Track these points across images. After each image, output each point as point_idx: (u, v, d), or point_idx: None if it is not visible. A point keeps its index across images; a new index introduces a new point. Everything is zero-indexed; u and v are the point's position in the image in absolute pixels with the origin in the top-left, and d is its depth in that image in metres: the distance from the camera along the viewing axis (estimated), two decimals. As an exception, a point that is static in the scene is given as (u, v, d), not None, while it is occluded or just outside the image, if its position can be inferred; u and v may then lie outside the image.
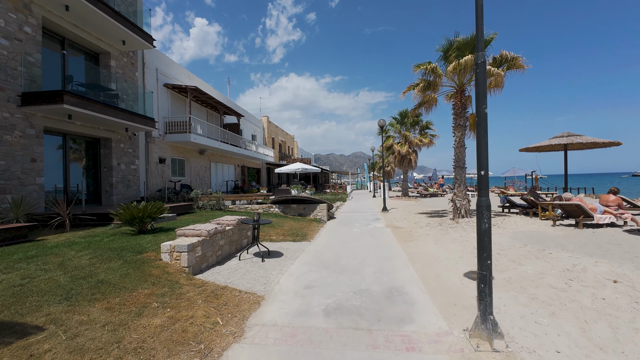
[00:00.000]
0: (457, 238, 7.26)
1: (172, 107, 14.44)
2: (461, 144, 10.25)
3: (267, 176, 30.45)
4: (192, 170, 15.85)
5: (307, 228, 9.09)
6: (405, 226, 9.46)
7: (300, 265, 5.25)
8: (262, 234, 7.58)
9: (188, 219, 8.35)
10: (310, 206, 11.11)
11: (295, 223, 9.58)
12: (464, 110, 10.24)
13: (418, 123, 21.68)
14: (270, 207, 11.34)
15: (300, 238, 7.63)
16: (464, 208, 10.16)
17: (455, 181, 10.46)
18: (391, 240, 7.36)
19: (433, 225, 9.50)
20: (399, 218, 11.45)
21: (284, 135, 35.93)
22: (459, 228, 8.62)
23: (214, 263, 5.20)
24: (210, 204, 11.06)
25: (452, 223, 9.64)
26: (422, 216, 11.85)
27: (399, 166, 22.16)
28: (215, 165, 18.73)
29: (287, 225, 8.95)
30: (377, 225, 9.89)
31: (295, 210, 11.18)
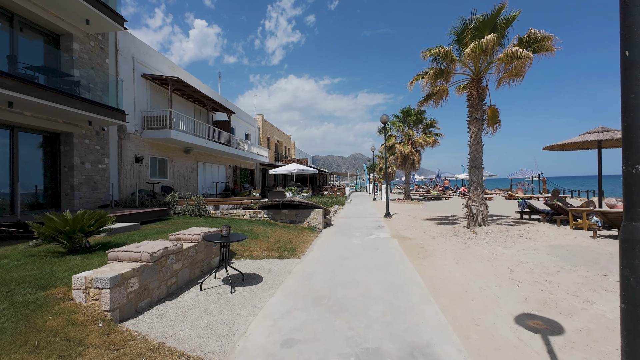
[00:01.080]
0: (482, 255, 5.85)
1: (152, 101, 13.03)
2: (478, 140, 8.88)
3: (262, 178, 29.03)
4: (175, 171, 14.41)
5: (299, 239, 7.67)
6: (414, 236, 8.06)
7: (281, 299, 3.83)
8: (242, 249, 6.15)
9: (153, 229, 6.91)
10: (303, 212, 9.69)
11: (285, 232, 8.16)
12: (481, 101, 8.87)
13: (422, 121, 20.35)
14: (258, 212, 9.91)
15: (289, 253, 6.21)
16: (480, 215, 8.77)
17: (471, 183, 9.08)
18: (400, 256, 5.95)
19: (447, 235, 8.11)
20: (405, 226, 10.04)
21: (280, 135, 34.54)
22: (479, 240, 7.22)
23: (164, 296, 3.78)
24: (190, 209, 9.63)
25: (469, 233, 8.24)
26: (431, 223, 10.46)
27: (401, 167, 20.81)
28: (203, 165, 17.30)
29: (274, 236, 7.53)
30: (380, 234, 8.48)
31: (286, 216, 9.76)
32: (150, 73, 12.55)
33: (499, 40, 7.81)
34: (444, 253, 6.10)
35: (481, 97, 8.84)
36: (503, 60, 7.72)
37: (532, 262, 5.24)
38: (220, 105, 16.89)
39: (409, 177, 21.82)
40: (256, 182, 26.13)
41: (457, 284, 4.32)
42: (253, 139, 26.57)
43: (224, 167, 20.17)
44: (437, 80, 8.95)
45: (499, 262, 5.32)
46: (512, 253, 5.89)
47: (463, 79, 9.51)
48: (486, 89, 8.96)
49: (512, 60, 7.56)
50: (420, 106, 10.15)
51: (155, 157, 13.05)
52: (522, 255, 5.68)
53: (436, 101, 9.94)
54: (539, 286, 4.08)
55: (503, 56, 7.66)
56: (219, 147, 16.55)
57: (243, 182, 23.62)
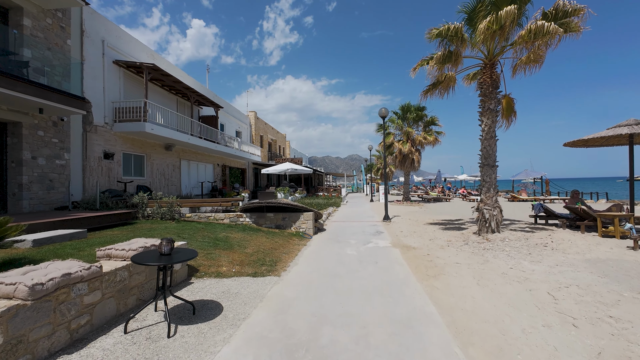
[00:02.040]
0: (507, 272, 4.68)
1: (126, 91, 11.74)
2: (491, 134, 7.73)
3: (255, 178, 27.77)
4: (154, 169, 13.12)
5: (283, 248, 6.46)
6: (419, 245, 6.87)
7: (239, 349, 2.61)
8: (208, 263, 4.93)
9: (101, 238, 5.64)
10: (291, 215, 8.48)
11: (268, 240, 6.93)
12: (495, 90, 7.73)
13: (422, 118, 19.24)
14: (239, 216, 8.68)
15: (267, 269, 4.99)
16: (494, 220, 7.61)
17: (483, 184, 7.92)
18: (405, 273, 4.76)
19: (457, 244, 6.94)
20: (407, 231, 8.86)
21: (274, 133, 33.30)
22: (497, 251, 6.05)
23: (62, 346, 2.54)
24: (161, 212, 8.37)
25: (482, 241, 7.09)
26: (436, 228, 9.29)
27: (400, 167, 19.67)
28: (187, 163, 16.01)
29: (253, 245, 6.31)
30: (379, 242, 7.29)
31: (271, 220, 8.53)
32: (123, 60, 11.27)
33: (519, 13, 6.68)
34: (458, 269, 4.92)
35: (495, 85, 7.70)
36: (524, 38, 6.57)
37: (575, 284, 4.07)
38: (205, 98, 15.62)
39: (408, 177, 20.70)
40: (248, 182, 24.87)
41: (488, 320, 3.14)
42: (244, 136, 25.31)
43: (212, 166, 18.89)
44: (445, 65, 7.79)
45: (533, 283, 4.14)
46: (544, 270, 4.72)
47: (474, 65, 8.38)
48: (500, 75, 7.82)
49: (535, 39, 6.41)
50: (424, 96, 8.99)
51: (129, 153, 11.75)
52: (558, 274, 4.51)
53: (442, 91, 8.78)
54: (604, 327, 2.91)
55: (524, 34, 6.51)
56: (204, 143, 15.29)
57: (233, 182, 22.33)
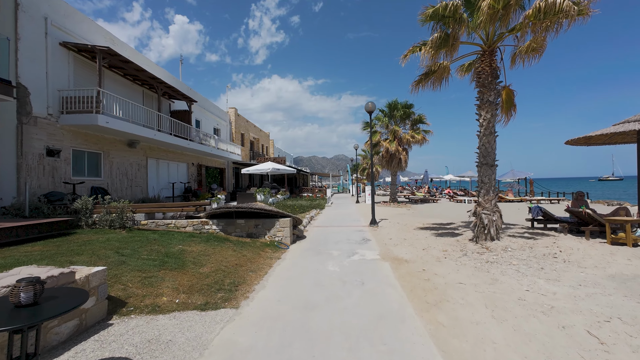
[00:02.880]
0: (524, 297, 3.76)
1: (78, 78, 10.22)
2: (490, 129, 6.89)
3: (235, 178, 26.33)
4: (113, 169, 11.61)
5: (251, 264, 5.33)
6: (412, 257, 5.91)
7: None
8: (145, 291, 3.74)
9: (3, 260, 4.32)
10: (266, 222, 7.34)
11: (234, 254, 5.78)
12: (495, 80, 6.90)
13: (409, 116, 18.49)
14: (205, 223, 7.46)
15: (223, 297, 3.86)
16: (494, 226, 6.77)
17: (481, 185, 7.07)
18: (400, 301, 3.75)
19: (454, 254, 6.02)
20: (397, 239, 7.92)
21: (256, 131, 31.88)
22: (503, 264, 5.17)
23: None
24: (109, 219, 7.04)
25: (481, 250, 6.22)
26: (427, 234, 8.40)
27: (387, 167, 18.87)
28: (155, 162, 14.51)
29: (213, 262, 5.15)
30: (366, 253, 6.28)
31: (242, 228, 7.36)
32: (73, 42, 9.76)
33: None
34: (464, 292, 3.96)
35: (494, 74, 6.87)
36: (530, 19, 5.74)
37: (616, 315, 3.18)
38: (176, 91, 14.18)
39: (395, 177, 19.94)
40: (227, 182, 23.42)
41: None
42: (224, 134, 23.84)
43: (186, 165, 17.40)
44: (440, 51, 6.88)
45: (563, 315, 3.22)
46: (567, 293, 3.84)
47: (471, 52, 7.53)
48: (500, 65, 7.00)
49: (544, 19, 5.58)
50: (415, 88, 8.07)
51: (81, 150, 10.23)
52: (587, 299, 3.63)
53: (435, 82, 7.89)
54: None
55: (531, 13, 5.68)
56: (175, 141, 13.86)
57: (210, 182, 20.87)
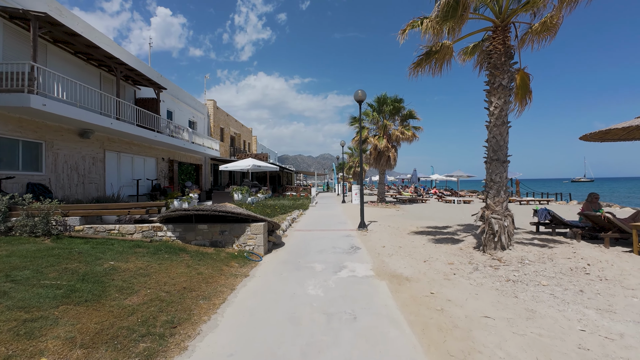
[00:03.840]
0: (583, 341, 2.65)
1: (7, 50, 8.44)
2: (502, 119, 5.85)
3: (214, 175, 24.60)
4: (59, 162, 9.86)
5: (205, 288, 3.99)
6: (413, 274, 4.75)
7: None
8: (21, 346, 2.34)
9: None
10: (234, 228, 5.99)
11: (186, 272, 4.42)
12: (509, 60, 5.85)
13: (399, 111, 17.51)
14: (158, 229, 6.02)
15: (147, 351, 2.53)
16: (505, 232, 5.75)
17: (490, 185, 6.02)
18: (410, 352, 2.56)
19: (463, 269, 4.93)
20: (391, 246, 6.77)
21: (237, 126, 30.14)
22: (529, 284, 4.09)
23: None
24: (31, 224, 5.47)
25: (494, 263, 5.16)
26: (424, 240, 7.32)
27: (375, 165, 17.83)
28: (116, 156, 12.75)
29: (153, 284, 3.78)
30: (357, 268, 5.08)
31: (205, 235, 5.98)
32: (2, 5, 7.98)
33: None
34: (498, 335, 2.81)
35: (508, 54, 5.82)
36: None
37: None
38: (140, 75, 12.47)
39: (383, 176, 18.95)
40: (204, 180, 21.69)
41: None
42: (201, 127, 22.07)
43: (154, 160, 15.64)
44: (445, 24, 5.74)
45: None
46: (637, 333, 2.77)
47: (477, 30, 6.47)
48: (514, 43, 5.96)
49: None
50: (413, 71, 6.94)
51: (13, 138, 8.46)
52: (672, 346, 2.57)
53: (436, 65, 6.80)
54: None
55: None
56: (140, 131, 12.18)
57: (184, 179, 19.12)
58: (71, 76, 9.85)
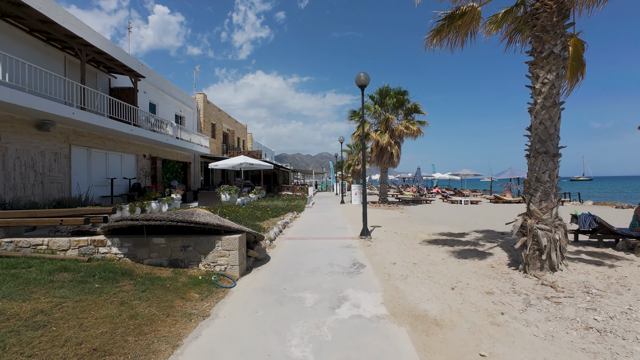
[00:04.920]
0: None
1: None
2: (553, 98, 4.46)
3: (205, 174, 23.16)
4: (9, 158, 8.39)
5: (135, 344, 2.56)
6: (443, 312, 3.35)
7: None
8: None
9: None
10: (200, 241, 4.57)
11: (114, 314, 2.99)
12: (563, 19, 4.45)
13: (403, 104, 16.11)
14: (99, 244, 4.59)
15: None
16: (557, 248, 4.36)
17: (535, 186, 4.62)
18: None
19: (509, 302, 3.54)
20: (404, 263, 5.37)
21: (231, 122, 28.64)
22: (631, 339, 2.71)
23: None
24: None
25: (548, 291, 3.78)
26: (443, 252, 5.93)
27: (377, 162, 16.43)
28: (86, 152, 11.27)
29: (41, 344, 2.34)
30: (364, 303, 3.67)
31: (162, 252, 4.56)
32: None
33: None
34: None
35: (562, 12, 4.42)
36: None
37: None
38: (112, 59, 10.98)
39: (385, 175, 17.55)
40: (193, 179, 20.23)
41: None
42: (189, 123, 20.59)
43: (134, 157, 14.16)
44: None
45: None
46: None
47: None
48: (565, 1, 4.55)
49: None
50: (430, 42, 5.53)
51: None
52: None
53: (460, 32, 5.41)
54: None
55: None
56: (112, 124, 10.71)
57: (170, 178, 17.66)
58: (25, 58, 8.40)
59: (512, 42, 6.14)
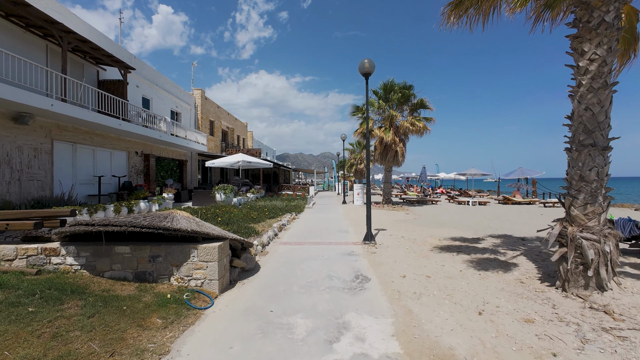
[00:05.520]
0: None
1: None
2: (604, 79, 3.63)
3: (203, 173, 22.46)
4: (-20, 153, 7.69)
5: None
6: (476, 355, 2.56)
7: None
8: None
9: None
10: (172, 250, 3.79)
11: (37, 353, 2.22)
12: (616, -18, 3.63)
13: (409, 100, 15.26)
14: (52, 252, 3.83)
15: None
16: (607, 263, 3.55)
17: (578, 186, 3.80)
18: None
19: (559, 335, 2.73)
20: (416, 277, 4.57)
21: (230, 120, 27.91)
22: None
23: None
24: None
25: (604, 320, 2.97)
26: (459, 263, 5.12)
27: (380, 161, 15.61)
28: (71, 147, 10.56)
29: None
30: (370, 334, 2.88)
31: (127, 262, 3.79)
32: None
33: None
34: None
35: (616, -28, 3.60)
36: None
37: None
38: (98, 49, 10.24)
39: (389, 174, 16.70)
40: (189, 178, 19.52)
41: None
42: (186, 119, 19.87)
43: (125, 154, 13.45)
44: None
45: None
46: None
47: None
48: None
49: None
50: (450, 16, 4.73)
51: None
52: None
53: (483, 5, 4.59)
54: None
55: None
56: (95, 117, 9.97)
57: (164, 177, 16.95)
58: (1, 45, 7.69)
59: (539, 20, 5.32)
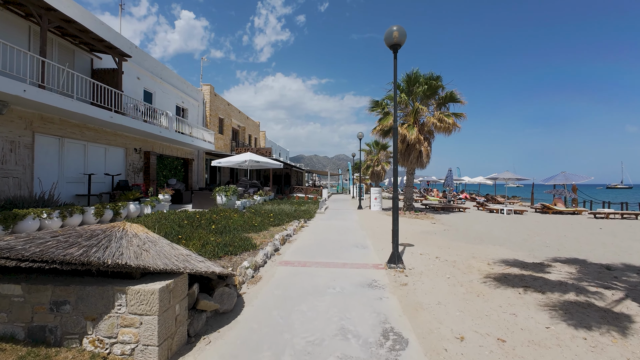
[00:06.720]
0: None
1: None
2: None
3: (212, 173, 21.42)
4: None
5: None
6: None
7: None
8: None
9: None
10: (86, 293, 2.33)
11: None
12: None
13: (436, 92, 13.44)
14: None
15: None
16: None
17: None
18: None
19: None
20: (479, 337, 2.91)
21: (242, 119, 26.84)
22: None
23: None
24: None
25: None
26: (537, 308, 3.41)
27: (402, 161, 13.84)
28: (57, 142, 9.52)
29: None
30: None
31: (18, 310, 2.35)
32: None
33: None
34: None
35: None
36: None
37: None
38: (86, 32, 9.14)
39: (412, 177, 14.89)
40: (195, 177, 18.44)
41: None
42: (193, 116, 18.85)
43: (122, 151, 12.40)
44: None
45: None
46: None
47: None
48: None
49: None
50: None
51: None
52: None
53: None
54: None
55: None
56: (81, 108, 8.85)
57: (167, 176, 15.88)
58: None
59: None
